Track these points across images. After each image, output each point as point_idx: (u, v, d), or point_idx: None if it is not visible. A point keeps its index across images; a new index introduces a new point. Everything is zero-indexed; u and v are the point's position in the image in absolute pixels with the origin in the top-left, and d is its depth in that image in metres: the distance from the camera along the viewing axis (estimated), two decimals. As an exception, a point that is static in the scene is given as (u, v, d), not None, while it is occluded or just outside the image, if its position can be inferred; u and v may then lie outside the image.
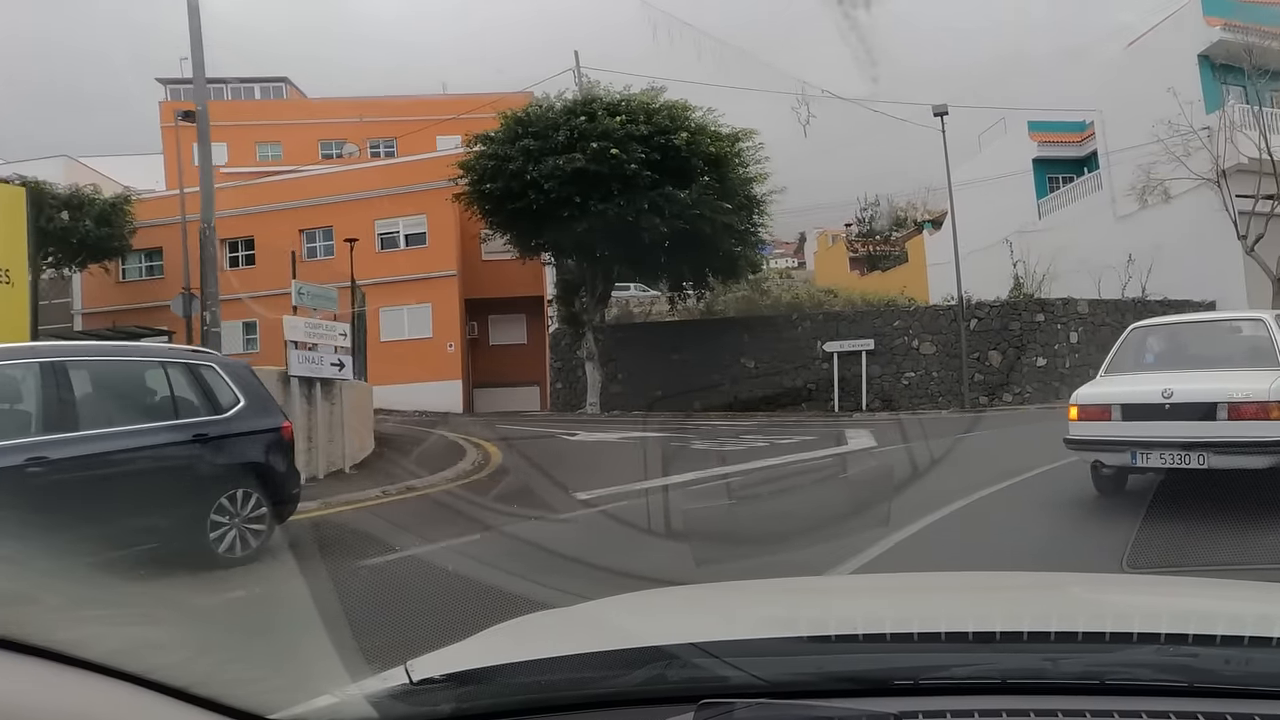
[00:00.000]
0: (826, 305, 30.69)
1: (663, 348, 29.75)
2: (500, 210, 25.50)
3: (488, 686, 1.57)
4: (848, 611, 2.21)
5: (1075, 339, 26.85)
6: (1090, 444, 8.55)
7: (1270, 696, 1.40)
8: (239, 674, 1.64)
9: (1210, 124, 28.65)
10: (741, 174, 26.79)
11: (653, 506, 9.58)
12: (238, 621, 5.67)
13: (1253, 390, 7.67)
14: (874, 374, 27.39)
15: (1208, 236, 29.46)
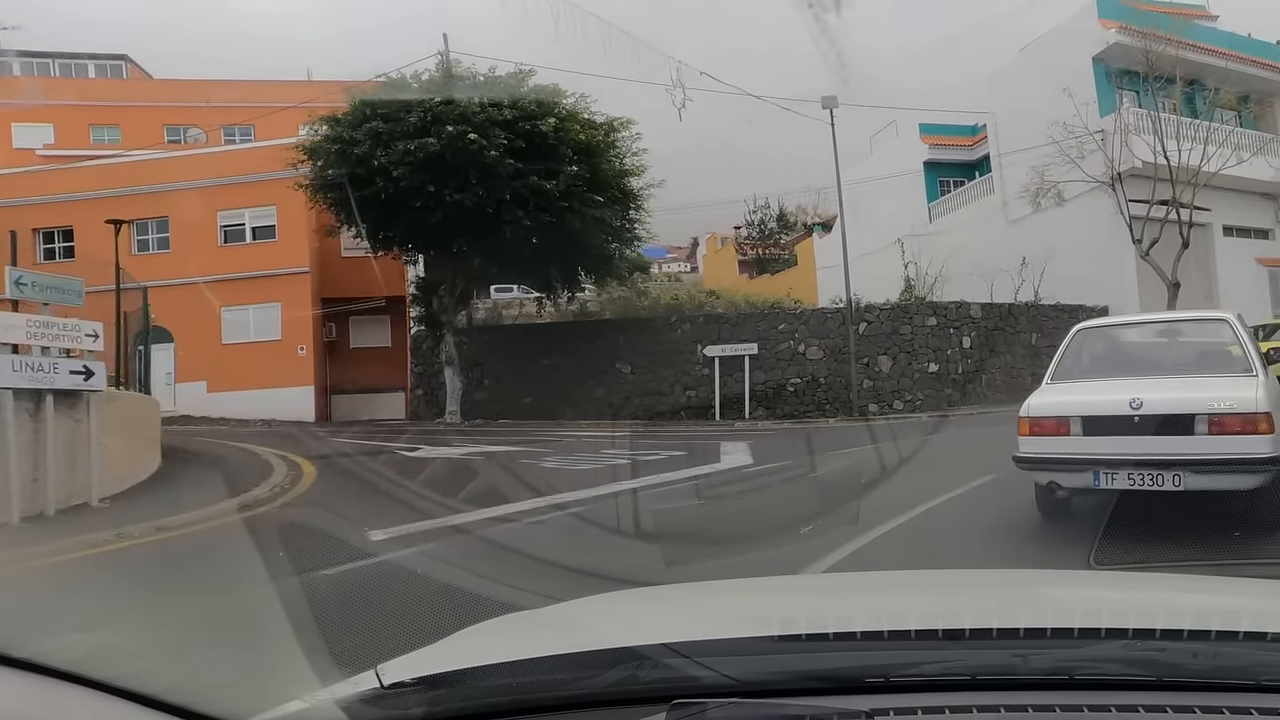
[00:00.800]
0: (708, 307, 28.84)
1: (533, 352, 27.64)
2: (346, 200, 23.01)
3: (459, 689, 1.56)
4: (818, 610, 2.21)
5: (968, 344, 25.59)
6: (1045, 463, 7.33)
7: (1237, 689, 1.43)
8: (208, 680, 1.67)
9: (1105, 127, 27.95)
10: (616, 165, 24.81)
11: (443, 554, 7.51)
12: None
13: (1237, 400, 6.76)
14: (758, 380, 25.71)
15: (1102, 240, 28.77)
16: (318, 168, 23.52)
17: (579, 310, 30.18)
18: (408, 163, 21.43)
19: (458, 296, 25.97)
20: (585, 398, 26.80)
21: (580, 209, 22.88)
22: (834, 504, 9.52)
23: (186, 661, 2.00)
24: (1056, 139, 27.69)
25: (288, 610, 5.35)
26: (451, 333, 25.86)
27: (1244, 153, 29.47)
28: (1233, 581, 2.67)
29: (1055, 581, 2.81)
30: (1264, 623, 1.69)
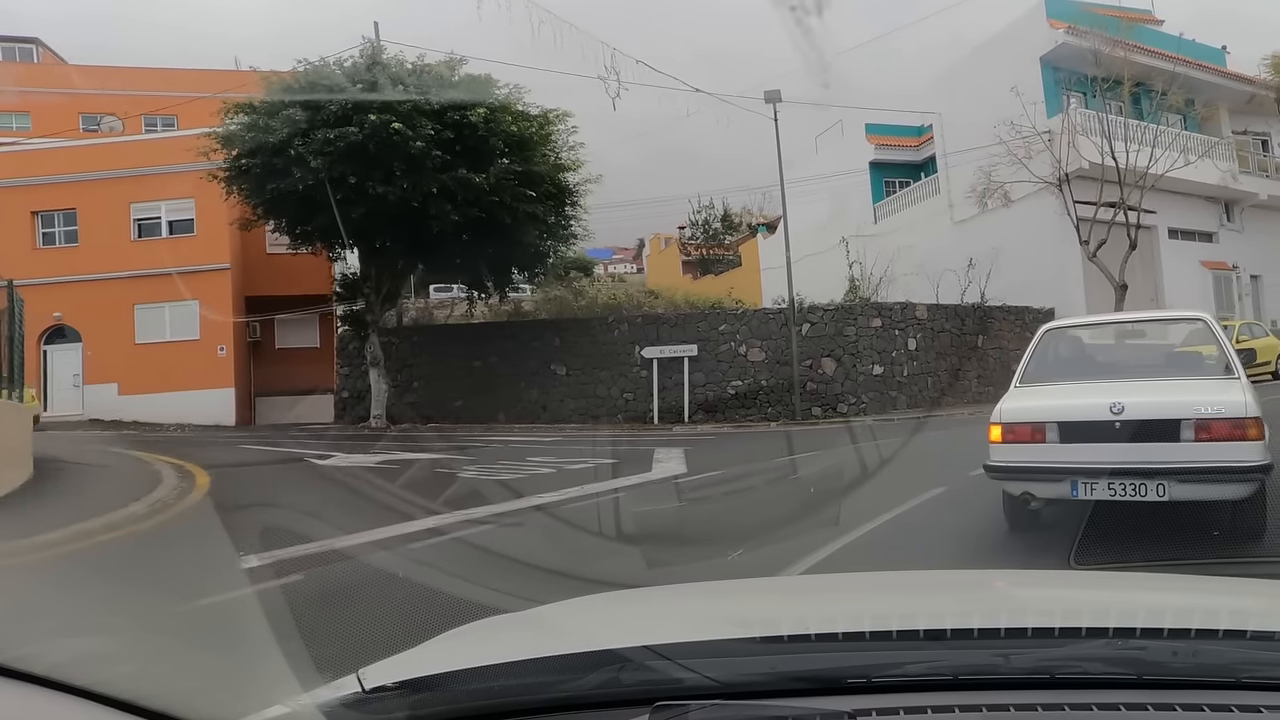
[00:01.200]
0: (647, 307, 27.86)
1: (465, 353, 26.51)
2: (262, 192, 21.74)
3: (441, 693, 1.56)
4: (799, 611, 2.22)
5: (914, 345, 24.91)
6: (1019, 472, 6.88)
7: (1218, 687, 1.44)
8: (189, 685, 1.67)
9: (1052, 128, 27.55)
10: (551, 160, 23.79)
11: (306, 588, 6.47)
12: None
13: (1225, 404, 6.35)
14: (697, 382, 24.82)
15: (1049, 242, 28.39)
16: (232, 157, 22.19)
17: (513, 310, 29.11)
18: (327, 153, 20.23)
19: (384, 295, 24.75)
20: (519, 400, 25.75)
21: (512, 204, 21.85)
22: (771, 522, 8.63)
23: (166, 666, 1.97)
24: (1004, 139, 27.23)
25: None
26: (377, 333, 24.65)
27: (1191, 155, 29.28)
28: (1212, 580, 2.69)
29: (1036, 581, 2.86)
30: (1243, 621, 1.71)
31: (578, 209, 25.57)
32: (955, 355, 25.80)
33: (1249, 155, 34.57)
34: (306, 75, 21.62)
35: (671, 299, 30.54)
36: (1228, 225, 33.90)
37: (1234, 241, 33.72)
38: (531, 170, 22.39)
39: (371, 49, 22.35)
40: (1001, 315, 27.32)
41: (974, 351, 26.30)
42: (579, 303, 28.85)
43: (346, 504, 10.33)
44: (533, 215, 22.46)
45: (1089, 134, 27.85)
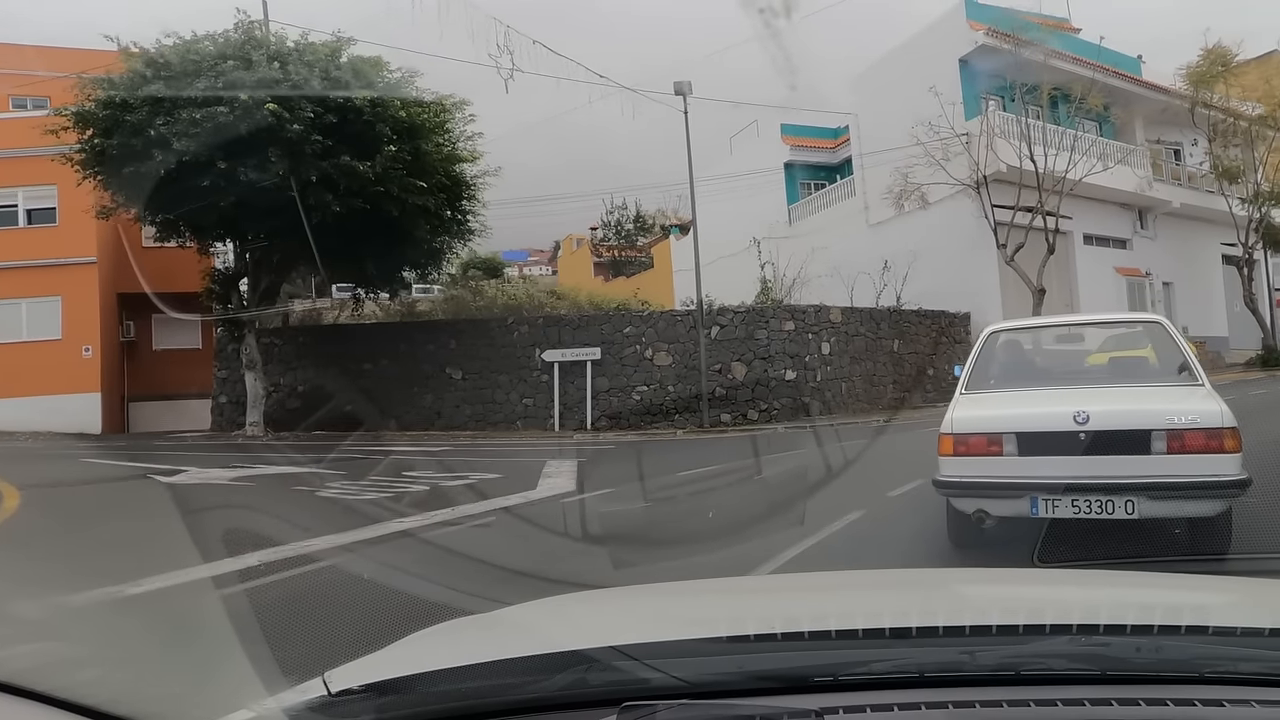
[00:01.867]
0: (550, 308, 26.34)
1: (355, 356, 24.79)
2: (120, 175, 19.76)
3: (408, 696, 1.55)
4: (765, 611, 2.23)
5: (828, 350, 23.87)
6: (972, 488, 6.24)
7: (1181, 681, 1.46)
8: (154, 691, 1.68)
9: (970, 130, 26.89)
10: (445, 149, 22.19)
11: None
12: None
13: (1200, 413, 5.84)
14: (601, 387, 23.48)
15: (966, 245, 27.72)
16: (86, 138, 20.15)
17: (406, 310, 27.39)
18: (192, 134, 18.36)
19: (262, 292, 22.86)
20: (411, 406, 24.10)
21: (400, 195, 20.22)
22: (655, 556, 7.28)
23: (130, 672, 1.90)
24: (921, 140, 26.46)
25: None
26: (255, 333, 22.76)
27: (1109, 161, 28.98)
28: (1174, 577, 2.74)
29: (1000, 579, 2.94)
30: (1205, 617, 1.79)
31: (475, 203, 24.02)
32: (870, 360, 24.87)
33: (1163, 164, 34.62)
34: (173, 50, 19.68)
35: (575, 300, 29.08)
36: (1141, 232, 33.83)
37: (1147, 248, 33.66)
38: (423, 159, 20.80)
39: (247, 24, 20.51)
40: (917, 319, 26.53)
41: (890, 356, 25.42)
42: (477, 303, 27.29)
43: (165, 534, 8.69)
44: (423, 208, 20.84)
45: (1008, 137, 27.29)
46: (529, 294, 29.27)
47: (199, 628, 5.18)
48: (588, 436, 21.90)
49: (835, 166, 38.66)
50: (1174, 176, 35.10)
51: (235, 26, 20.48)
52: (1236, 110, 32.13)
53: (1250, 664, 1.51)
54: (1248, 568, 6.00)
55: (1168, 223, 34.61)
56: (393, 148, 19.75)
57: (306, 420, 23.80)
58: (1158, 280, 33.52)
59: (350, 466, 15.20)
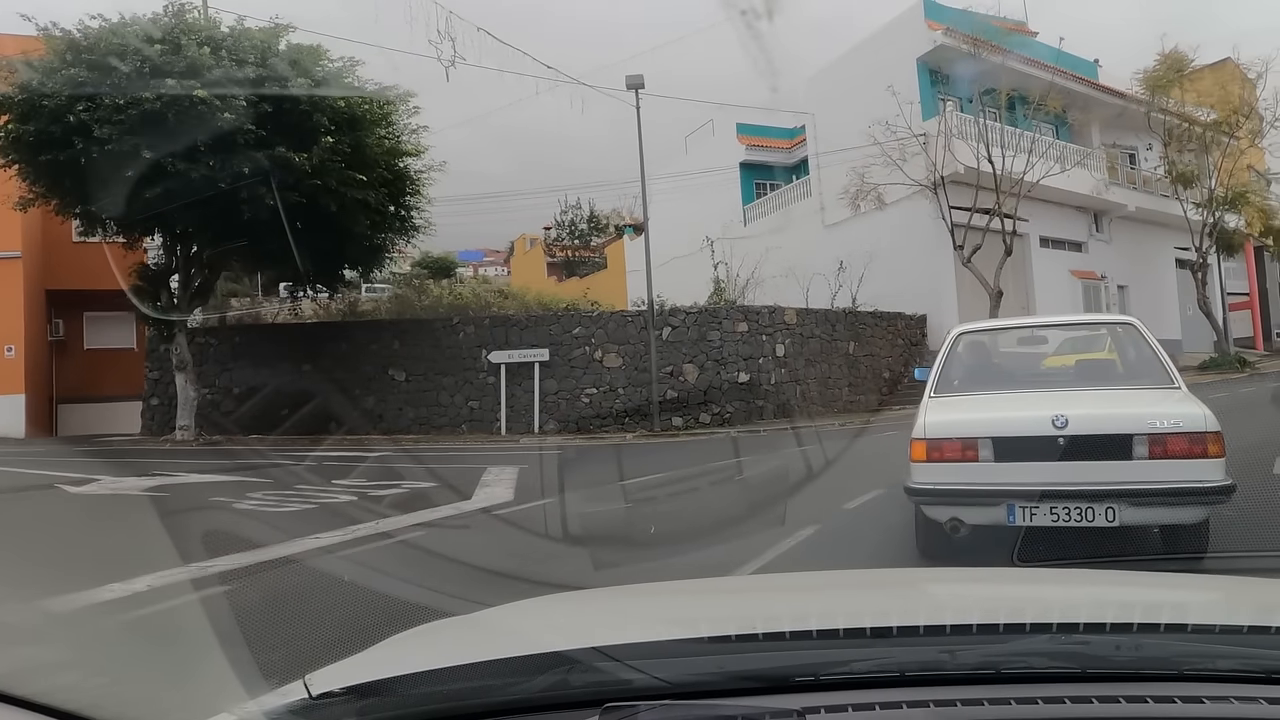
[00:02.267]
0: (497, 308, 25.49)
1: (294, 356, 23.81)
2: (37, 164, 18.69)
3: (389, 698, 1.55)
4: (746, 611, 2.24)
5: (782, 351, 23.30)
6: (947, 495, 5.97)
7: (1160, 679, 1.47)
8: (135, 694, 1.72)
9: (928, 130, 26.51)
10: (388, 143, 21.32)
11: None
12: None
13: (1182, 416, 5.71)
14: (549, 390, 22.75)
15: (922, 246, 27.36)
16: (2, 124, 19.01)
17: (348, 309, 26.44)
18: (116, 121, 17.38)
19: (195, 289, 21.83)
20: (353, 409, 23.15)
21: (339, 189, 19.32)
22: (599, 579, 6.61)
23: (109, 676, 1.87)
24: (878, 140, 26.00)
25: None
26: (185, 332, 21.73)
27: (1066, 163, 28.78)
28: (1153, 576, 2.84)
29: (980, 579, 2.93)
30: (1184, 615, 1.82)
31: (420, 198, 23.16)
32: (826, 362, 24.35)
33: (1118, 168, 34.58)
34: (97, 33, 18.64)
35: (523, 300, 28.24)
36: (1097, 235, 33.76)
37: (1102, 251, 33.61)
38: (363, 152, 19.93)
39: (178, 6, 19.51)
40: (874, 321, 26.08)
41: (845, 359, 24.92)
42: (422, 302, 26.39)
43: (45, 555, 7.85)
44: (364, 203, 19.94)
45: (965, 138, 26.96)
46: (475, 293, 28.36)
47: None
48: (534, 441, 21.15)
49: (792, 167, 38.21)
50: (1129, 180, 35.12)
51: (165, 9, 19.46)
52: (1191, 116, 32.19)
53: (1228, 661, 1.52)
54: (1225, 566, 6.05)
55: (1123, 226, 34.60)
56: (331, 139, 18.88)
57: (245, 424, 22.89)
58: (1113, 283, 33.45)
59: (278, 474, 14.36)
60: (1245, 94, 32.29)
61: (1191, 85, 32.00)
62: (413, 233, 23.73)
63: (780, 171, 38.60)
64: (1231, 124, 32.16)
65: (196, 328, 24.54)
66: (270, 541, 8.19)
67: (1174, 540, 5.93)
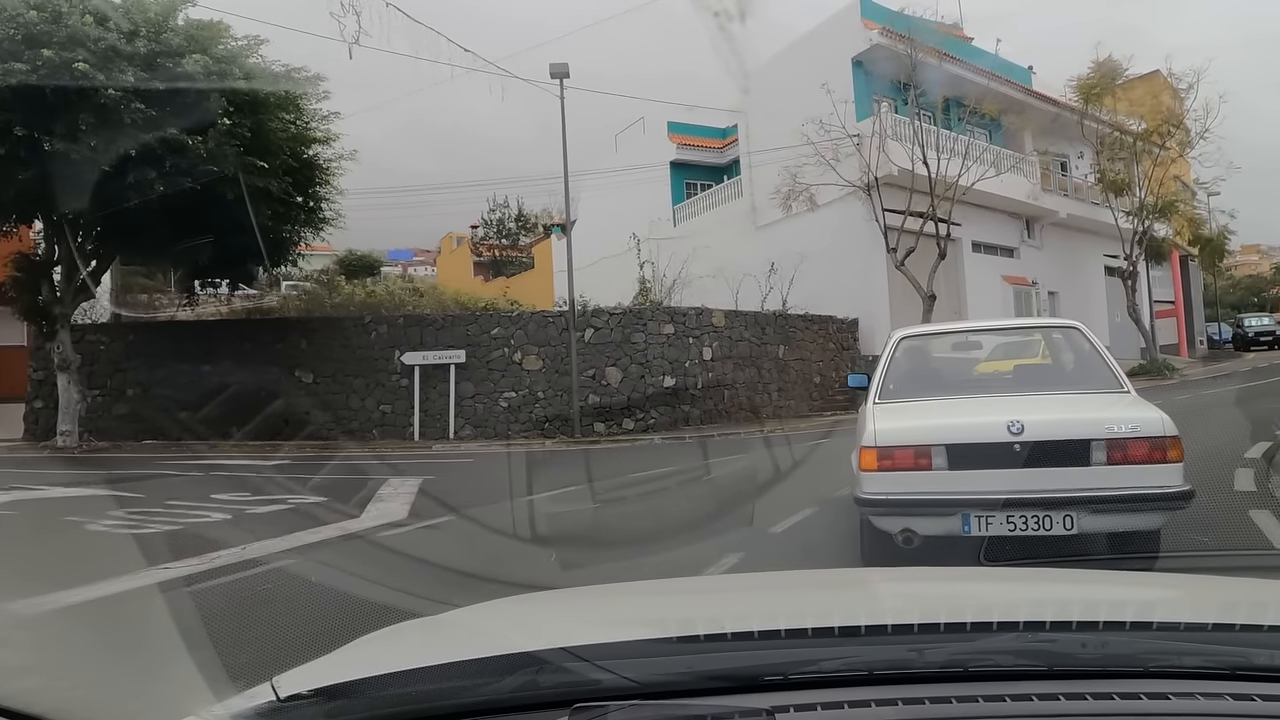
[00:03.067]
0: (412, 307, 24.13)
1: (193, 356, 22.25)
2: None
3: (357, 700, 1.54)
4: (715, 611, 2.23)
5: (709, 355, 22.40)
6: (899, 506, 5.70)
7: (1126, 676, 1.48)
8: (97, 697, 1.75)
9: (862, 131, 25.84)
10: (294, 128, 19.94)
11: None
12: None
13: (1141, 421, 5.50)
14: (466, 393, 21.56)
15: (855, 249, 26.73)
16: None
17: (253, 306, 24.91)
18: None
19: (80, 282, 20.21)
20: (256, 412, 21.58)
21: (237, 175, 17.91)
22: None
23: (74, 678, 1.88)
24: (812, 139, 25.25)
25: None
26: (68, 329, 20.11)
27: (1000, 168, 28.40)
28: (1119, 575, 2.90)
29: (947, 578, 2.90)
30: (1149, 613, 1.84)
31: (329, 189, 21.79)
32: (755, 366, 23.49)
33: (1050, 174, 34.45)
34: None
35: (440, 298, 26.90)
36: (1028, 241, 33.59)
37: (1034, 258, 33.46)
38: (266, 137, 18.56)
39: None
40: (804, 325, 25.30)
41: (775, 363, 24.09)
42: (332, 299, 24.95)
43: None
44: (265, 191, 18.54)
45: (900, 140, 26.36)
46: (390, 291, 26.89)
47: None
48: (449, 447, 19.98)
49: (723, 167, 37.54)
50: (1061, 187, 35.06)
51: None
52: (1123, 125, 32.24)
53: (1193, 658, 1.54)
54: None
55: (1054, 233, 34.53)
56: (229, 121, 17.50)
57: (138, 428, 21.39)
58: (1044, 289, 33.32)
59: (155, 486, 13.03)
60: (1174, 105, 32.41)
61: (1124, 94, 32.07)
62: (320, 225, 22.33)
63: (712, 172, 37.95)
64: (1162, 134, 32.27)
65: (87, 325, 22.88)
66: (104, 574, 6.97)
67: (1126, 544, 5.79)
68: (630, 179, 33.98)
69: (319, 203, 21.76)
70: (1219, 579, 2.62)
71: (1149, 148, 32.85)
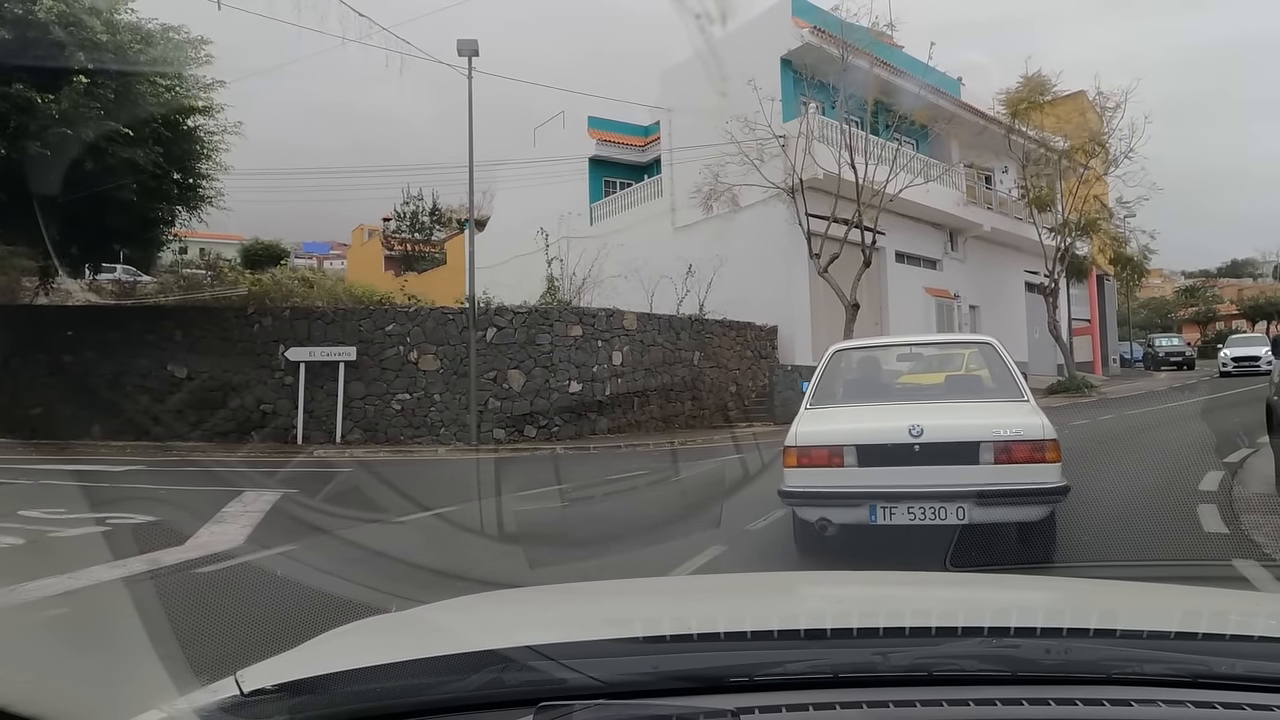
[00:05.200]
0: (300, 298, 22.19)
1: (50, 345, 20.19)
2: None
3: (322, 696, 1.52)
4: (681, 611, 2.22)
5: (619, 360, 21.01)
6: (815, 497, 6.44)
7: (1090, 682, 1.50)
8: (59, 690, 1.67)
9: (788, 132, 24.70)
10: (166, 94, 17.98)
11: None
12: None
13: (1023, 426, 6.29)
14: (356, 394, 19.84)
15: (777, 253, 25.60)
16: None
17: (123, 292, 22.78)
18: None
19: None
20: (122, 409, 19.67)
21: (98, 143, 16.02)
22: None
23: (37, 671, 1.91)
24: (736, 138, 24.01)
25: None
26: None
27: (929, 175, 27.62)
28: (1083, 582, 2.96)
29: (913, 582, 2.91)
30: (1112, 620, 1.80)
31: (211, 164, 19.88)
32: (668, 373, 22.16)
33: (976, 188, 33.88)
34: None
35: (332, 290, 24.96)
36: (951, 254, 32.97)
37: (956, 270, 32.86)
38: (132, 101, 16.64)
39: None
40: (722, 330, 24.05)
41: (690, 369, 22.78)
42: (212, 288, 22.92)
43: None
44: (132, 163, 16.62)
45: (827, 143, 25.30)
46: (276, 280, 24.86)
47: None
48: (333, 452, 18.24)
49: (644, 166, 36.24)
50: (985, 201, 34.53)
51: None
52: (1048, 142, 31.95)
53: (1156, 665, 1.54)
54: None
55: (977, 246, 34.02)
56: (85, 79, 15.59)
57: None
58: (965, 303, 32.76)
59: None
60: (1096, 126, 32.27)
61: (1051, 110, 31.79)
62: (200, 205, 20.39)
63: (632, 171, 36.63)
64: (1088, 151, 32.07)
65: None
66: None
67: (1026, 540, 6.45)
68: (548, 175, 32.49)
69: (197, 179, 19.81)
70: (1182, 588, 2.65)
71: (1073, 165, 32.69)
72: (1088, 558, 6.67)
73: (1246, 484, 9.84)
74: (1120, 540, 7.54)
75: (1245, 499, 8.97)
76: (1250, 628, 1.78)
